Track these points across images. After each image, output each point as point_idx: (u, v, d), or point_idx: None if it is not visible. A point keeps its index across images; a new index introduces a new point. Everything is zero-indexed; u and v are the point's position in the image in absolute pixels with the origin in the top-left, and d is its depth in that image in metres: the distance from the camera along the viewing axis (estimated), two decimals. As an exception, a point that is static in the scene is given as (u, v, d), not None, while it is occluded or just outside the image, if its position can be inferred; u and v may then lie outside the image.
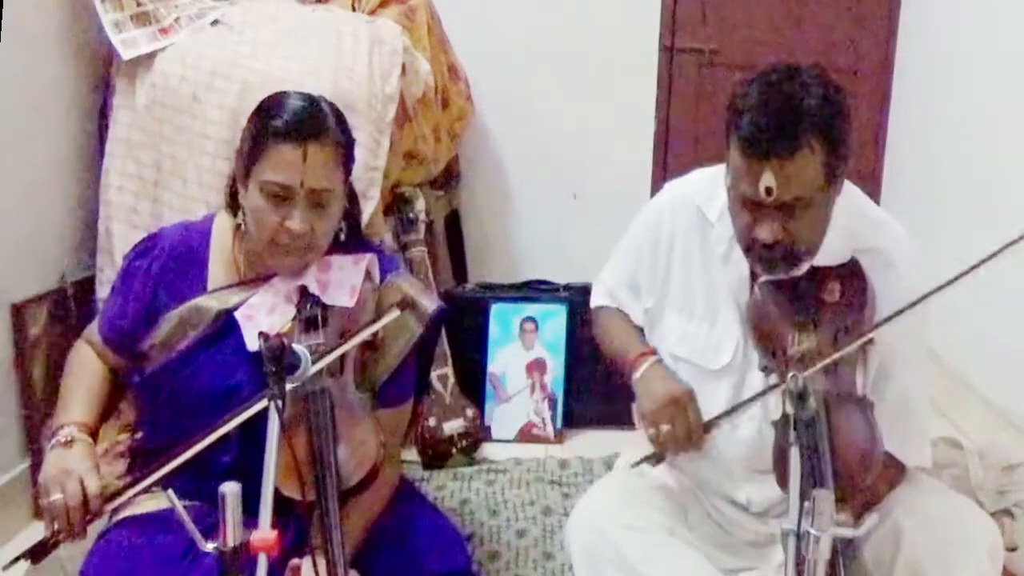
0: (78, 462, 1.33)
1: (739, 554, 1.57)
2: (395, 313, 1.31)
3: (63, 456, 1.35)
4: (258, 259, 1.46)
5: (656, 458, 1.50)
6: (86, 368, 1.51)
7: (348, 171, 1.46)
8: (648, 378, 1.55)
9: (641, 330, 1.66)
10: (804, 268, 1.43)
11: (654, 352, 1.59)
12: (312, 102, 1.42)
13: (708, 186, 1.54)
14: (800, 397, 1.23)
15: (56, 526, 1.29)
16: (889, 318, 1.36)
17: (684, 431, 1.45)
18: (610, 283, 1.71)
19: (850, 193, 1.48)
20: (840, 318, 1.42)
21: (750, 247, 1.41)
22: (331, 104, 1.46)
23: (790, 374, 1.24)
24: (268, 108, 1.41)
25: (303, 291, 1.43)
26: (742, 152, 1.34)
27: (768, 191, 1.32)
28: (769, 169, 1.31)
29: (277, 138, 1.36)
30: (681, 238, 1.57)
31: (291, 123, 1.37)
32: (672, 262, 1.59)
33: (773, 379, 1.44)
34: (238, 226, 1.48)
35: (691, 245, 1.56)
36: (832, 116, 1.33)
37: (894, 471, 1.48)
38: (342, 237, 1.49)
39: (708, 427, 1.47)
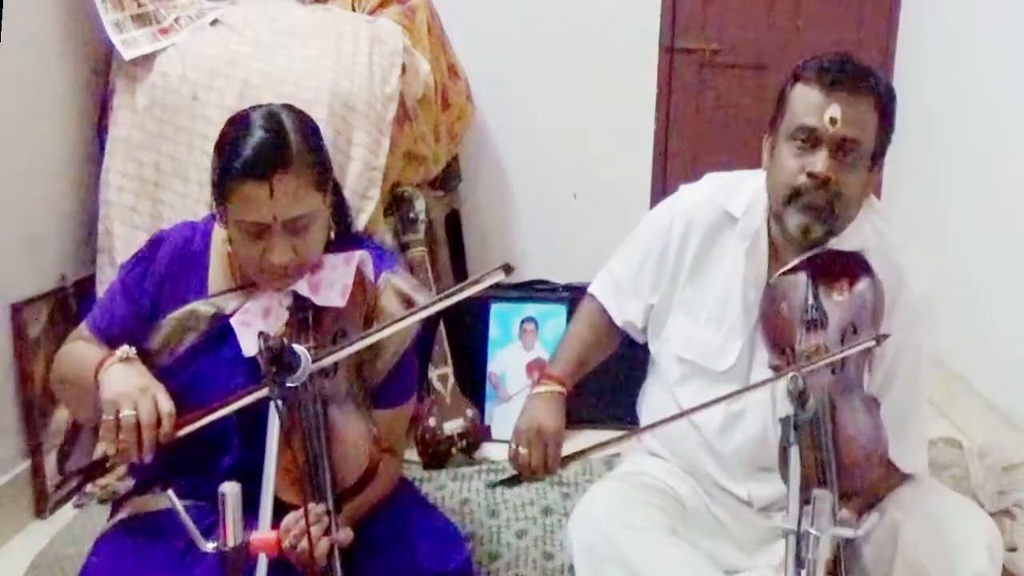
0: (149, 379, 1.26)
1: (741, 552, 1.57)
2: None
3: (129, 372, 1.26)
4: None
5: (512, 481, 1.57)
6: (90, 350, 1.43)
7: (325, 186, 1.41)
8: (535, 400, 1.60)
9: (605, 337, 1.72)
10: (831, 239, 1.47)
11: (563, 383, 1.64)
12: (275, 127, 1.34)
13: (727, 188, 1.59)
14: (800, 397, 1.23)
15: (121, 444, 1.20)
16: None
17: (538, 461, 1.52)
18: (619, 275, 1.72)
19: (877, 210, 1.55)
20: (848, 318, 1.43)
21: (799, 191, 1.44)
22: (298, 116, 1.39)
23: (790, 375, 1.24)
24: (229, 141, 1.35)
25: (296, 293, 1.42)
26: (813, 83, 1.43)
27: (832, 121, 1.40)
28: (836, 102, 1.41)
29: (240, 177, 1.31)
30: (695, 241, 1.59)
31: (251, 161, 1.31)
32: (682, 266, 1.60)
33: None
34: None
35: (707, 246, 1.58)
36: (891, 97, 1.47)
37: (894, 473, 1.49)
38: (332, 236, 1.46)
39: (566, 462, 1.55)
